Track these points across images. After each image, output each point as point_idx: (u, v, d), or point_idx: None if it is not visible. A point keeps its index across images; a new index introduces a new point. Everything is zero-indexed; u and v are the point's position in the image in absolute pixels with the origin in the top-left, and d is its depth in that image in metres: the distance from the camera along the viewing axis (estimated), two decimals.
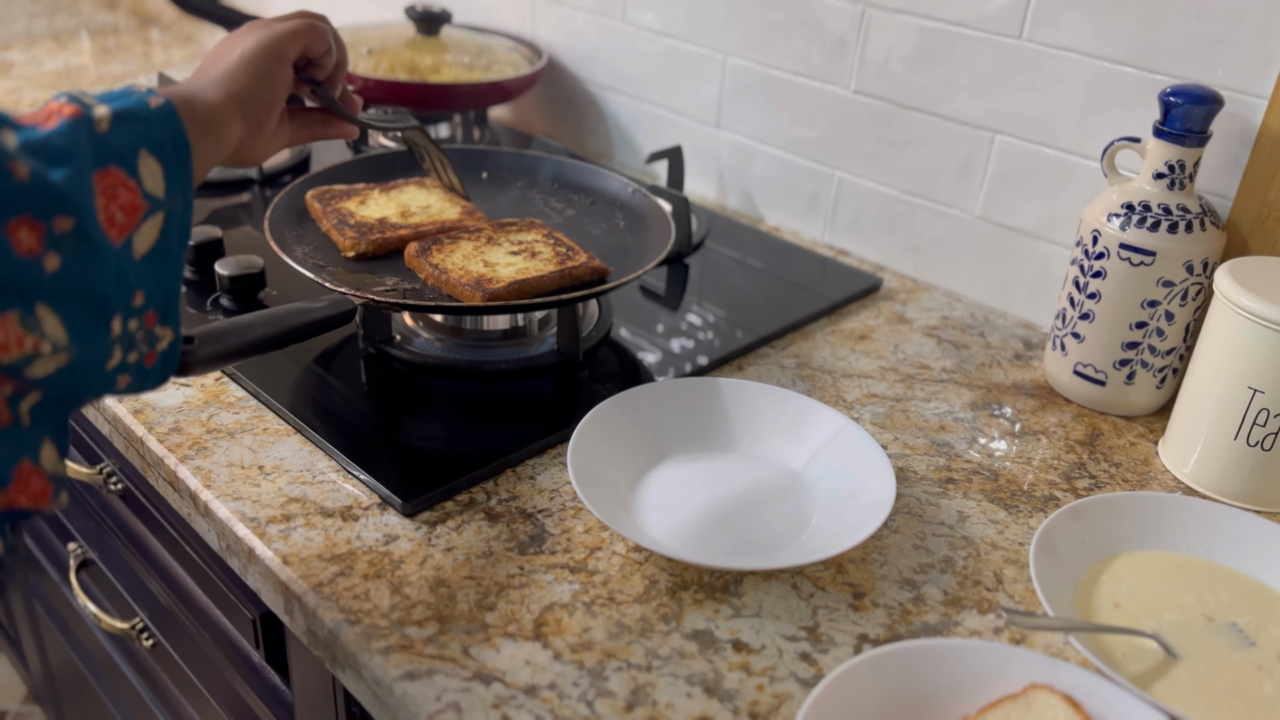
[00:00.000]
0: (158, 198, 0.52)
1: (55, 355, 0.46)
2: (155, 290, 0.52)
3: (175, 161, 0.53)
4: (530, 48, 1.32)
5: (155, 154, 0.52)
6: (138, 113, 0.52)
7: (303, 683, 0.75)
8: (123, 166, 0.50)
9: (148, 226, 0.51)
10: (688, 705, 0.56)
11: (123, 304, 0.50)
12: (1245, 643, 0.63)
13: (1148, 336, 0.82)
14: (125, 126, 0.51)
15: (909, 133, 1.02)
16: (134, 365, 0.52)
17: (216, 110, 0.60)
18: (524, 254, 0.83)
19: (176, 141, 0.54)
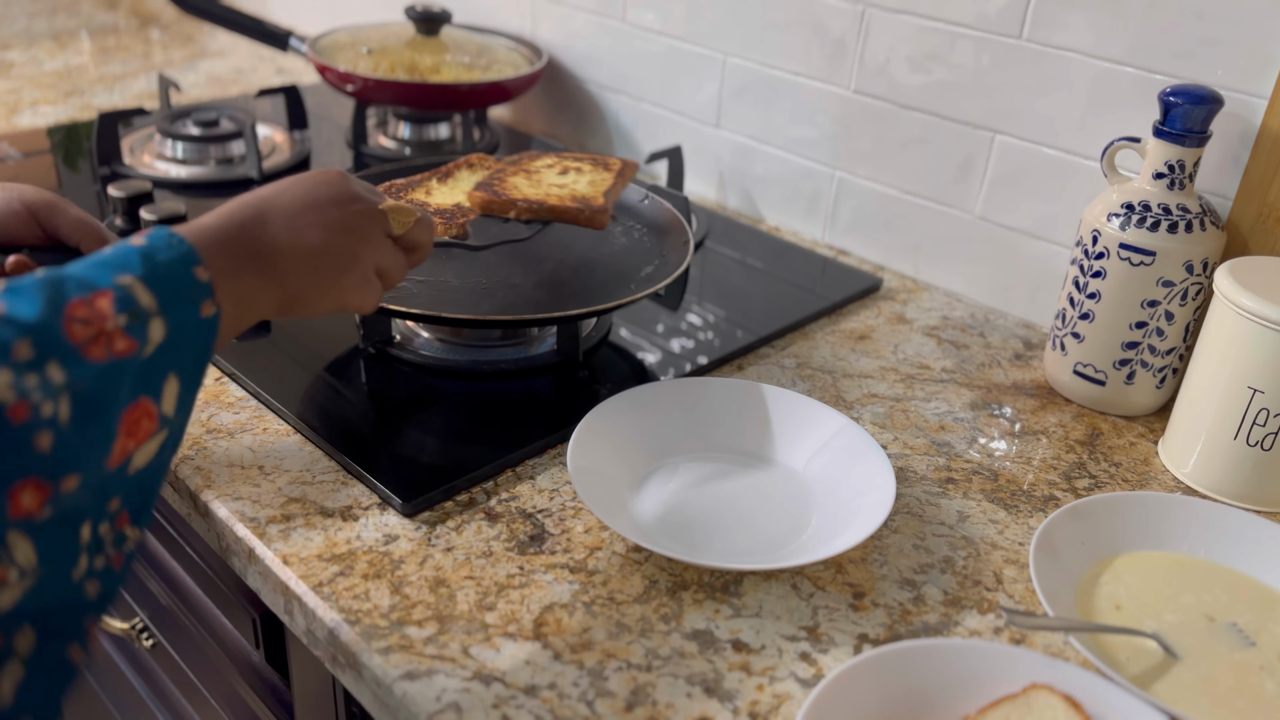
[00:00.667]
0: (168, 419, 0.49)
1: (22, 581, 0.43)
2: (134, 496, 0.48)
3: (194, 379, 0.50)
4: (530, 48, 1.32)
5: (180, 373, 0.49)
6: (186, 333, 0.49)
7: (303, 683, 0.75)
8: (151, 395, 0.47)
9: (150, 445, 0.48)
10: (688, 705, 0.56)
11: (95, 511, 0.46)
12: (1246, 643, 0.63)
13: (1148, 336, 0.82)
14: (168, 353, 0.48)
15: (909, 133, 1.02)
16: (101, 571, 0.47)
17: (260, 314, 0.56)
18: (571, 173, 0.88)
19: (202, 358, 0.50)
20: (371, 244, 0.62)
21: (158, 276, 0.48)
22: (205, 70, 1.53)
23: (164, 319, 0.47)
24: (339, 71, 1.19)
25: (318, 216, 0.59)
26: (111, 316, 0.45)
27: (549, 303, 0.82)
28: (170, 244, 0.50)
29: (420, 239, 0.66)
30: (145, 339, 0.46)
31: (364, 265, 0.62)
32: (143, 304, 0.47)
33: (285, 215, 0.58)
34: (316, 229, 0.59)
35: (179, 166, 1.16)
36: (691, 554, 0.66)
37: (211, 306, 0.50)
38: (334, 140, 1.29)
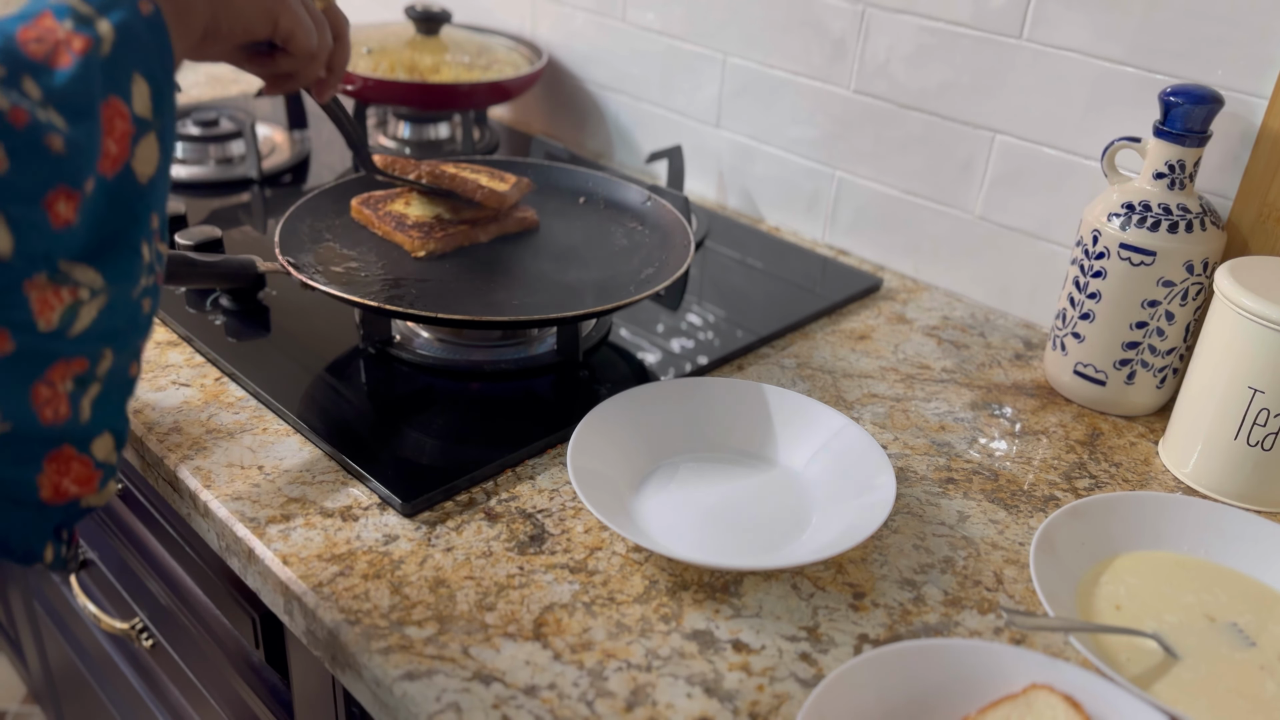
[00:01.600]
0: (145, 120, 0.50)
1: (95, 299, 0.47)
2: (161, 210, 0.52)
3: (161, 79, 0.51)
4: (530, 47, 1.32)
5: (144, 73, 0.50)
6: (133, 29, 0.50)
7: (302, 683, 0.75)
8: (120, 95, 0.49)
9: (144, 150, 0.50)
10: (688, 705, 0.56)
11: (147, 231, 0.50)
12: (1246, 643, 0.63)
13: (1148, 336, 0.82)
14: (124, 50, 0.49)
15: (909, 132, 1.02)
16: (151, 288, 0.52)
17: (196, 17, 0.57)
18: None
19: (164, 56, 0.52)
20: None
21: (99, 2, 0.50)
22: (205, 70, 1.53)
23: (106, 19, 0.48)
24: None
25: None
26: (58, 26, 0.47)
27: (549, 303, 0.82)
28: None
29: (339, 24, 0.71)
30: (97, 35, 0.47)
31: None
32: (81, 10, 0.48)
33: None
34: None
35: (178, 166, 1.16)
36: (691, 554, 0.66)
37: (147, 3, 0.51)
38: (334, 140, 1.29)
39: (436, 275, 0.85)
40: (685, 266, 0.84)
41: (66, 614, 1.23)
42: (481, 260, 0.87)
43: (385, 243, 0.89)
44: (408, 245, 0.86)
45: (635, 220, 0.95)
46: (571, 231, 0.93)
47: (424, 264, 0.86)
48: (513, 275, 0.86)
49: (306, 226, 0.88)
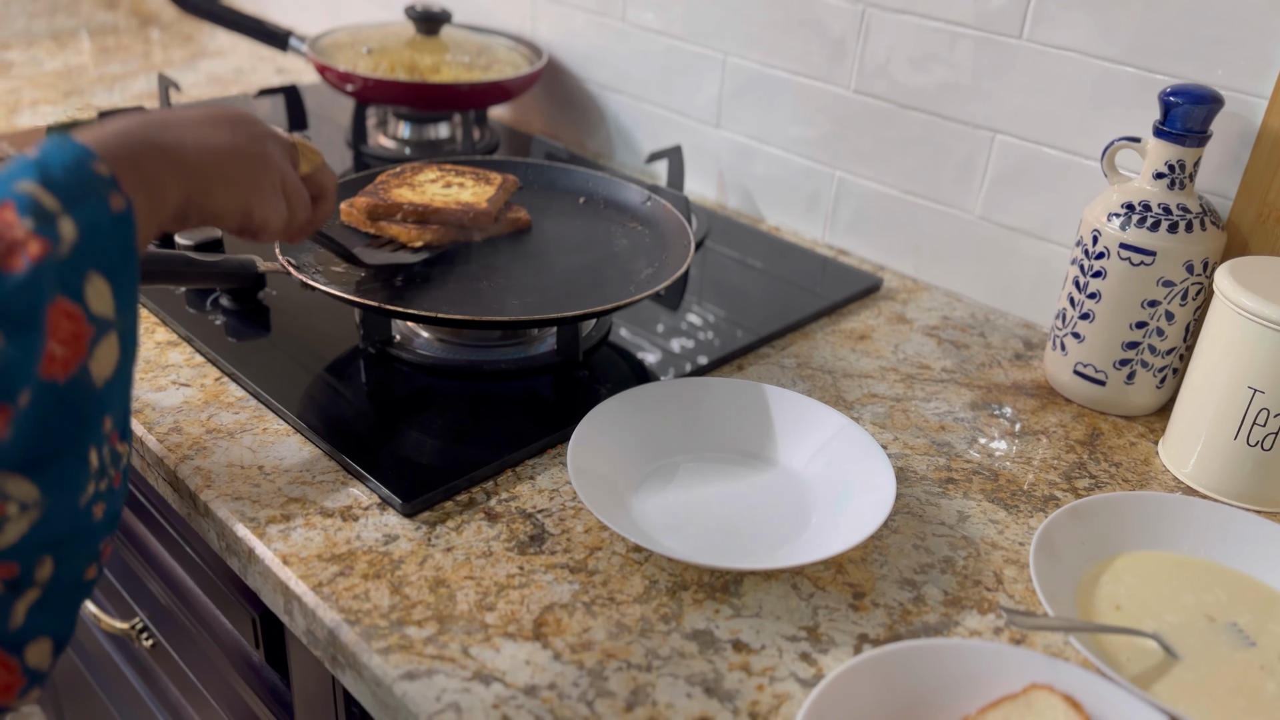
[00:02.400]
0: (106, 320, 0.47)
1: (25, 514, 0.44)
2: (118, 411, 0.49)
3: (125, 276, 0.48)
4: (530, 47, 1.32)
5: (104, 271, 0.47)
6: (99, 228, 0.47)
7: (302, 683, 0.75)
8: (69, 295, 0.45)
9: (103, 351, 0.47)
10: (688, 705, 0.56)
11: (96, 436, 0.47)
12: (1246, 643, 0.63)
13: (1148, 336, 0.82)
14: (84, 250, 0.46)
15: (909, 132, 1.02)
16: (105, 492, 0.49)
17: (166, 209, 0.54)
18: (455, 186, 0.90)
19: (128, 254, 0.49)
20: (279, 160, 0.62)
21: (56, 178, 0.46)
22: (205, 70, 1.53)
23: (71, 217, 0.45)
24: (339, 71, 1.19)
25: (225, 126, 0.59)
26: (18, 224, 0.44)
27: (549, 303, 0.82)
28: (63, 147, 0.48)
29: (325, 183, 0.69)
30: (57, 237, 0.44)
31: (272, 172, 0.61)
32: (46, 205, 0.45)
33: (188, 124, 0.57)
34: (224, 131, 0.58)
35: None
36: (691, 554, 0.66)
37: (120, 199, 0.48)
38: (334, 140, 1.29)
39: (437, 275, 0.85)
40: (685, 266, 0.84)
41: None
42: (481, 260, 0.87)
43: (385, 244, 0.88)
44: (404, 236, 0.85)
45: (635, 220, 0.95)
46: (571, 231, 0.93)
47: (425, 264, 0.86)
48: (513, 275, 0.86)
49: None
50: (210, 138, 0.57)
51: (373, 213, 0.86)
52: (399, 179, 0.90)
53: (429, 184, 0.89)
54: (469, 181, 0.90)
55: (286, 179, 0.63)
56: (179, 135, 0.55)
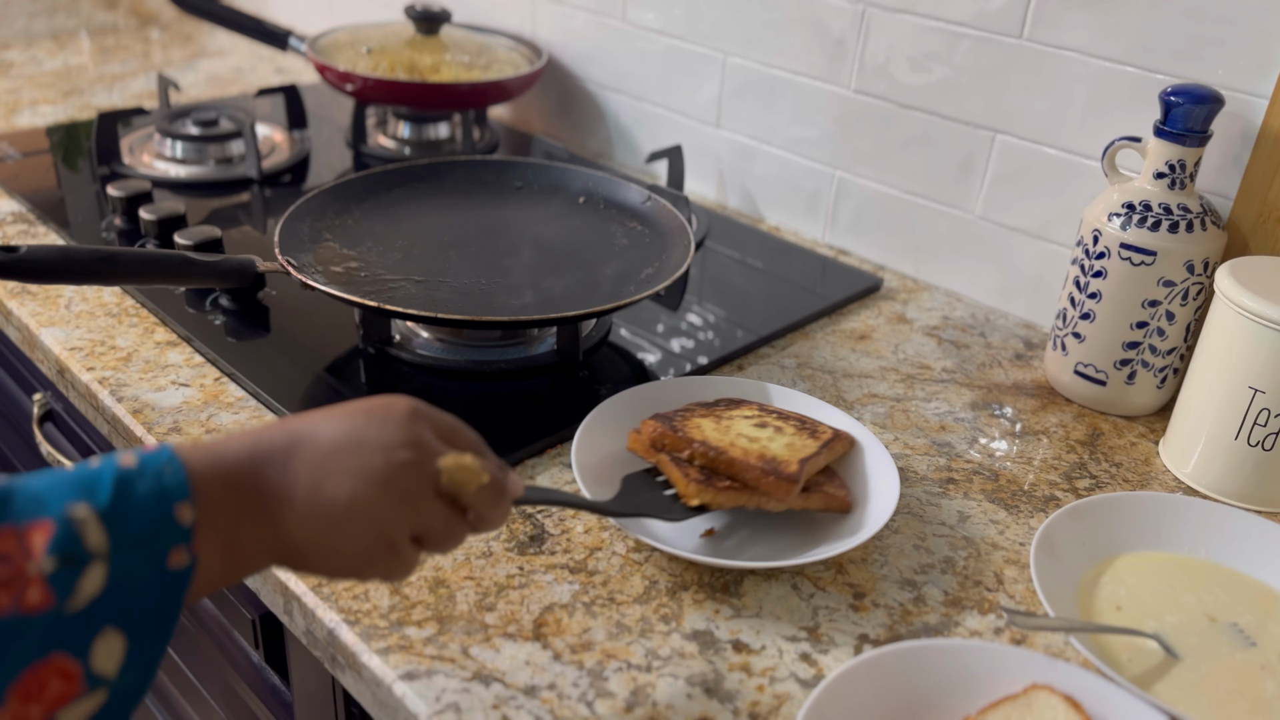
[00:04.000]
0: (104, 679, 0.39)
1: None
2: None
3: (150, 636, 0.40)
4: (530, 47, 1.32)
5: (125, 629, 0.39)
6: (137, 585, 0.39)
7: (302, 683, 0.75)
8: (71, 651, 0.38)
9: (78, 708, 0.39)
10: (688, 706, 0.56)
11: None
12: (1246, 643, 0.63)
13: (1148, 336, 0.82)
14: (108, 603, 0.39)
15: (909, 132, 1.02)
16: None
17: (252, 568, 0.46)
18: (770, 429, 0.71)
19: (165, 612, 0.40)
20: (412, 505, 0.48)
21: (123, 510, 0.39)
22: (204, 70, 1.53)
23: (108, 565, 0.38)
24: (338, 71, 1.19)
25: (353, 460, 0.47)
26: (36, 557, 0.37)
27: (549, 303, 0.82)
28: (161, 470, 0.41)
29: (484, 509, 0.52)
30: (70, 591, 0.37)
31: (392, 533, 0.48)
32: (88, 544, 0.38)
33: (317, 452, 0.47)
34: (346, 476, 0.47)
35: (178, 166, 1.16)
36: (693, 552, 0.66)
37: (184, 555, 0.41)
38: (333, 140, 1.29)
39: (437, 276, 0.84)
40: (685, 266, 0.83)
41: None
42: (481, 259, 0.87)
43: (386, 243, 0.88)
44: (680, 485, 0.67)
45: (635, 220, 0.95)
46: (572, 231, 0.93)
47: (424, 264, 0.86)
48: (512, 275, 0.85)
49: (306, 226, 0.88)
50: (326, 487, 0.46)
51: (657, 442, 0.70)
52: (707, 409, 0.74)
53: (740, 420, 0.72)
54: (789, 429, 0.72)
55: (421, 525, 0.49)
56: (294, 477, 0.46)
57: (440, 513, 0.50)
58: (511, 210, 0.96)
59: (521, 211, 0.96)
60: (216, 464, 0.44)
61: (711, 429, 0.70)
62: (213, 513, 0.42)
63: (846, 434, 0.74)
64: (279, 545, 0.46)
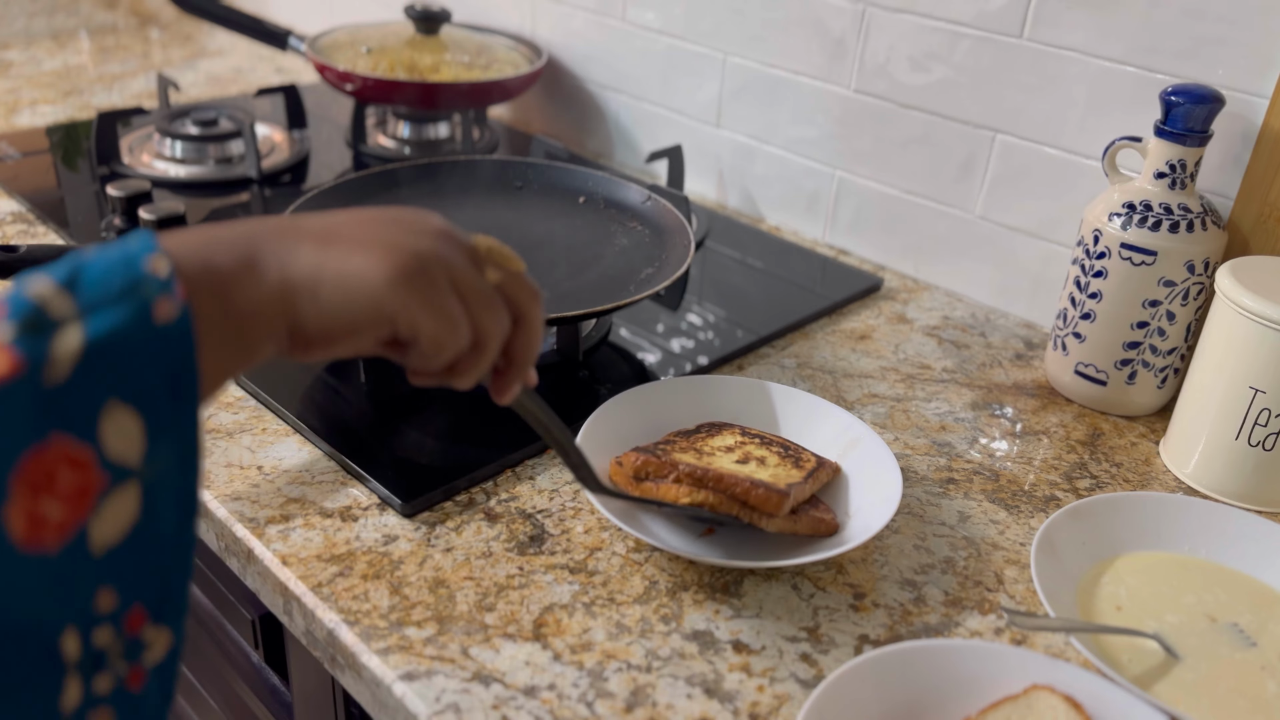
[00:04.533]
0: (126, 466, 0.35)
1: None
2: (139, 582, 0.36)
3: (169, 411, 0.36)
4: (530, 47, 1.32)
5: (133, 402, 0.35)
6: (127, 338, 0.35)
7: (302, 683, 0.75)
8: (74, 433, 0.34)
9: (113, 508, 0.35)
10: (688, 706, 0.56)
11: (77, 615, 0.35)
12: (1247, 643, 0.63)
13: (1149, 336, 0.82)
14: (97, 370, 0.34)
15: (910, 132, 1.02)
16: (110, 695, 0.36)
17: (260, 318, 0.40)
18: (753, 464, 0.70)
19: (178, 379, 0.36)
20: (448, 254, 0.45)
21: (86, 276, 0.35)
22: (204, 69, 1.53)
23: (81, 325, 0.34)
24: (338, 71, 1.19)
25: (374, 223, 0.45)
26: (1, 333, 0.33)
27: (549, 303, 0.82)
28: (130, 242, 0.37)
29: (522, 300, 0.49)
30: (43, 354, 0.33)
31: (434, 269, 0.44)
32: (52, 310, 0.34)
33: (324, 219, 0.45)
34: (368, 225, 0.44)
35: (178, 166, 1.16)
36: (694, 551, 0.66)
37: (170, 305, 0.36)
38: (333, 140, 1.28)
39: None
40: (685, 266, 0.83)
41: None
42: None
43: None
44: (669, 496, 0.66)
45: (635, 220, 0.95)
46: (571, 231, 0.93)
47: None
48: None
49: None
50: (339, 229, 0.44)
51: (640, 472, 0.68)
52: (687, 440, 0.73)
53: (721, 453, 0.71)
54: (772, 458, 0.71)
55: (460, 279, 0.45)
56: (298, 229, 0.43)
57: (476, 272, 0.46)
58: (511, 210, 0.96)
59: (521, 211, 0.96)
60: (192, 235, 0.40)
61: (694, 459, 0.69)
62: (194, 267, 0.38)
63: (831, 463, 0.73)
64: (286, 289, 0.41)
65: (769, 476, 0.68)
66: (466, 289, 0.45)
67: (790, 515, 0.66)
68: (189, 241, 0.39)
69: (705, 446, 0.72)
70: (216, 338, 0.38)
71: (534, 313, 0.50)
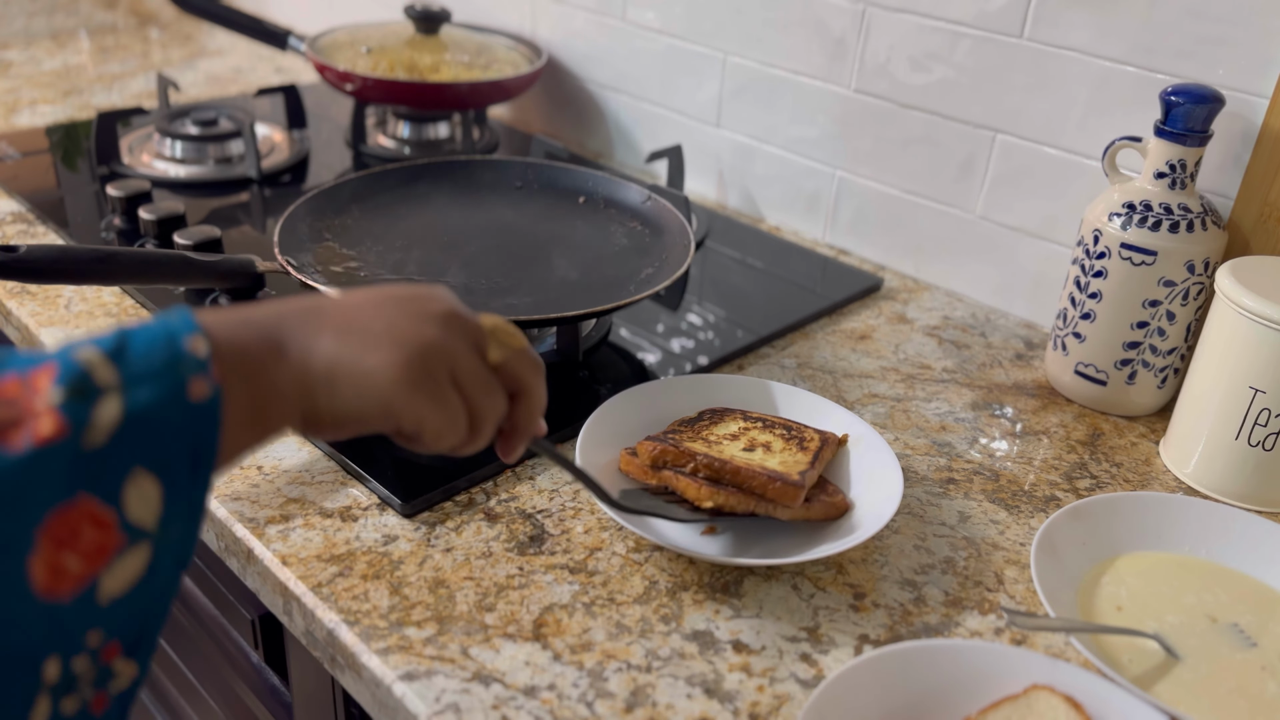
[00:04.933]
0: (143, 529, 0.38)
1: None
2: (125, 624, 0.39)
3: (186, 481, 0.39)
4: (530, 47, 1.32)
5: (157, 471, 0.38)
6: (162, 412, 0.37)
7: (302, 683, 0.75)
8: (100, 495, 0.36)
9: (124, 565, 0.37)
10: (688, 706, 0.56)
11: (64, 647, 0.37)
12: (1247, 643, 0.63)
13: (1149, 336, 0.82)
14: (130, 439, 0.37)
15: (910, 132, 1.02)
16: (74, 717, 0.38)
17: (281, 401, 0.43)
18: (759, 451, 0.71)
19: (199, 453, 0.39)
20: (450, 345, 0.48)
21: (130, 349, 0.38)
22: (204, 69, 1.53)
23: (122, 397, 0.36)
24: (338, 70, 1.19)
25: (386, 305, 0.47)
26: (44, 391, 0.35)
27: (549, 303, 0.82)
28: (171, 318, 0.40)
29: (523, 376, 0.52)
30: (85, 420, 0.35)
31: (434, 362, 0.47)
32: (97, 378, 0.36)
33: (347, 302, 0.47)
34: (380, 311, 0.47)
35: (178, 166, 1.16)
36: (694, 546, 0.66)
37: (205, 385, 0.38)
38: (333, 140, 1.28)
39: (436, 276, 0.84)
40: (685, 266, 0.83)
41: None
42: (480, 259, 0.87)
43: (386, 243, 0.88)
44: (690, 492, 0.67)
45: (635, 220, 0.95)
46: (571, 231, 0.93)
47: (424, 264, 0.86)
48: (512, 275, 0.85)
49: (306, 226, 0.87)
50: (356, 316, 0.46)
51: (658, 460, 0.69)
52: (693, 429, 0.74)
53: (727, 440, 0.72)
54: (777, 442, 0.72)
55: (461, 370, 0.48)
56: (320, 316, 0.46)
57: (479, 365, 0.49)
58: (511, 210, 0.96)
59: (521, 211, 0.96)
60: (228, 313, 0.43)
61: (704, 448, 0.70)
62: (229, 350, 0.41)
63: (832, 435, 0.74)
64: (306, 380, 0.44)
65: (778, 463, 0.69)
66: (466, 379, 0.49)
67: (804, 504, 0.67)
68: (226, 321, 0.42)
69: (711, 435, 0.73)
70: (240, 416, 0.41)
71: (536, 386, 0.53)
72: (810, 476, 0.68)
